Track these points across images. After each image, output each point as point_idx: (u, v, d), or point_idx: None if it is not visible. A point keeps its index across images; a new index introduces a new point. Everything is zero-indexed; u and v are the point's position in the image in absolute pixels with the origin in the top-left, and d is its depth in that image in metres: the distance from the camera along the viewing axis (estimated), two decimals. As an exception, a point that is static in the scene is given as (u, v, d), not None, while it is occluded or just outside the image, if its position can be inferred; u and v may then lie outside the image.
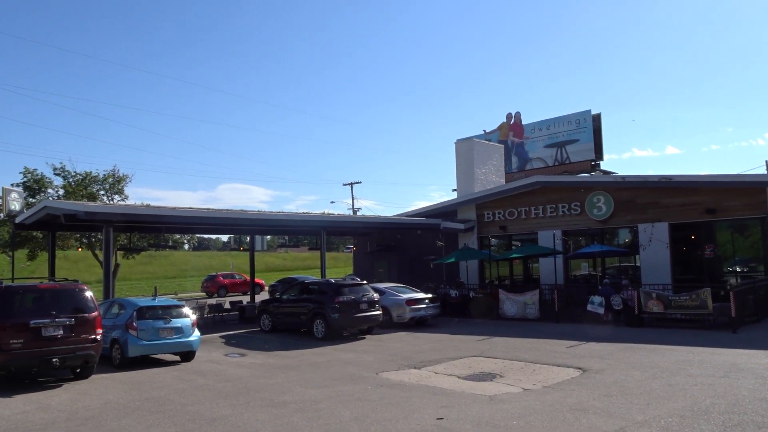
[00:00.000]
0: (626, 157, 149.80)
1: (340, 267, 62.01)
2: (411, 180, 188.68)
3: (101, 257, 22.26)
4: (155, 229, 23.15)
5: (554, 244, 21.66)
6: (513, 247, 24.59)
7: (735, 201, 19.06)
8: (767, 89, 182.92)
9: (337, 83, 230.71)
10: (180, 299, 23.59)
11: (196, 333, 13.41)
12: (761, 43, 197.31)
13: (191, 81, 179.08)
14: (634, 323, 16.47)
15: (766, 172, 34.90)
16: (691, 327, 15.63)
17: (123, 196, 31.83)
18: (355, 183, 54.44)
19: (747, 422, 6.94)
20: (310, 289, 17.97)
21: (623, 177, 22.07)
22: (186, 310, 13.62)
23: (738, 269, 19.81)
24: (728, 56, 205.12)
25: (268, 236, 48.65)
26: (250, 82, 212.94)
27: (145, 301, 13.70)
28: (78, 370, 11.33)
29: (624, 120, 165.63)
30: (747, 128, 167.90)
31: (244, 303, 24.11)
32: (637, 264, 21.21)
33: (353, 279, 20.47)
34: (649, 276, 20.12)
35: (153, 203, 18.60)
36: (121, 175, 31.76)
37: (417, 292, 19.89)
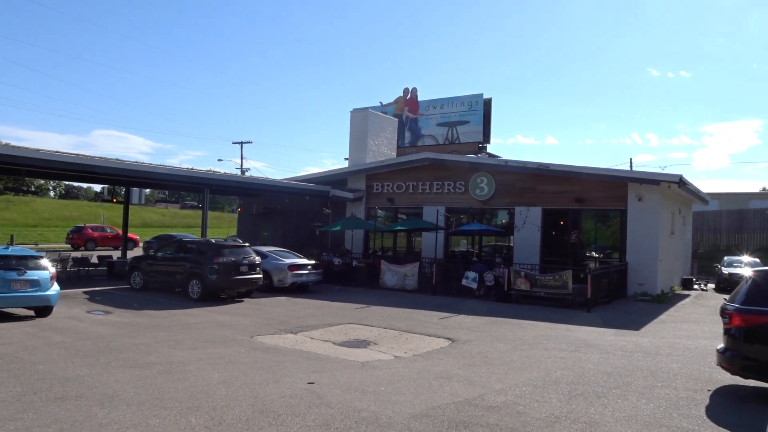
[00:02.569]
0: (511, 142, 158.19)
1: (223, 227, 60.14)
2: (304, 145, 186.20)
3: (-54, 197, 19.76)
4: (15, 171, 20.93)
5: (437, 219, 22.41)
6: (399, 220, 25.14)
7: (600, 193, 20.74)
8: (636, 93, 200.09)
9: (235, 38, 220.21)
10: (40, 250, 21.68)
11: (55, 287, 12.38)
12: (633, 51, 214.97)
13: (64, 11, 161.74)
14: (503, 299, 17.54)
15: (629, 169, 38.38)
16: (553, 305, 16.92)
17: (-23, 132, 28.36)
18: (245, 142, 52.79)
19: (589, 392, 7.65)
20: (188, 248, 17.22)
21: (506, 161, 23.20)
22: (44, 261, 12.50)
23: (596, 255, 21.68)
24: (605, 59, 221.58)
25: (147, 190, 45.91)
26: (136, 20, 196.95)
27: (-5, 250, 12.38)
28: None
29: (512, 107, 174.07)
30: (617, 127, 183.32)
31: (114, 258, 22.65)
32: (512, 244, 22.54)
33: (235, 240, 19.90)
34: (520, 256, 21.46)
35: (14, 143, 16.75)
36: (-24, 107, 28.23)
37: (300, 257, 19.78)
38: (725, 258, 26.87)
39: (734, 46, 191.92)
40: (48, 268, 12.41)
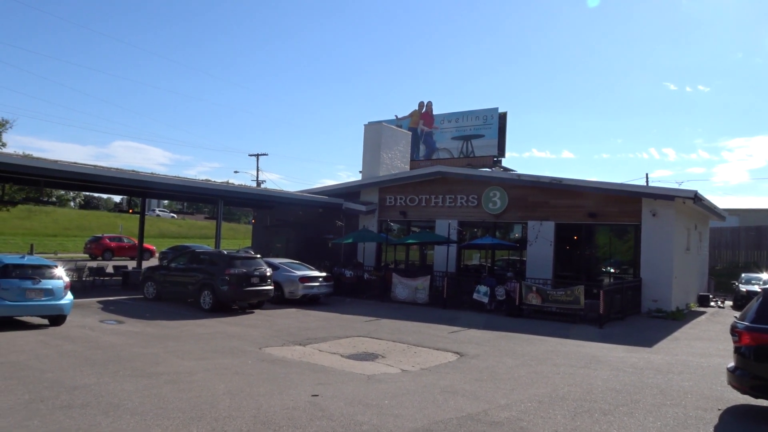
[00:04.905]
0: (526, 156, 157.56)
1: (239, 239, 60.53)
2: (319, 158, 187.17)
3: (-33, 207, 20.16)
4: (34, 182, 21.33)
5: (449, 233, 22.36)
6: (411, 233, 25.14)
7: (614, 207, 20.56)
8: (653, 108, 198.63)
9: (252, 50, 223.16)
10: (59, 260, 22.03)
11: (69, 296, 12.57)
12: (650, 65, 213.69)
13: (89, 27, 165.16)
14: (514, 313, 17.41)
15: (645, 184, 38.01)
16: (564, 320, 16.75)
17: (0, 143, 29.07)
18: (261, 155, 53.06)
19: (595, 409, 7.55)
20: (201, 259, 17.39)
21: (519, 175, 23.14)
22: (59, 271, 12.70)
23: (611, 270, 21.45)
24: (622, 73, 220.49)
25: (165, 201, 46.46)
26: (156, 36, 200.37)
27: (11, 259, 12.62)
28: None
29: (527, 121, 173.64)
30: (634, 141, 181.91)
31: (130, 268, 22.92)
32: (524, 258, 22.39)
33: (248, 252, 20.04)
34: (533, 270, 21.30)
35: (36, 154, 17.13)
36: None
37: (312, 269, 19.84)
38: (743, 275, 26.39)
39: (753, 59, 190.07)
40: (62, 277, 12.61)
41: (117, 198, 77.38)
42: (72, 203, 77.81)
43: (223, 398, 7.39)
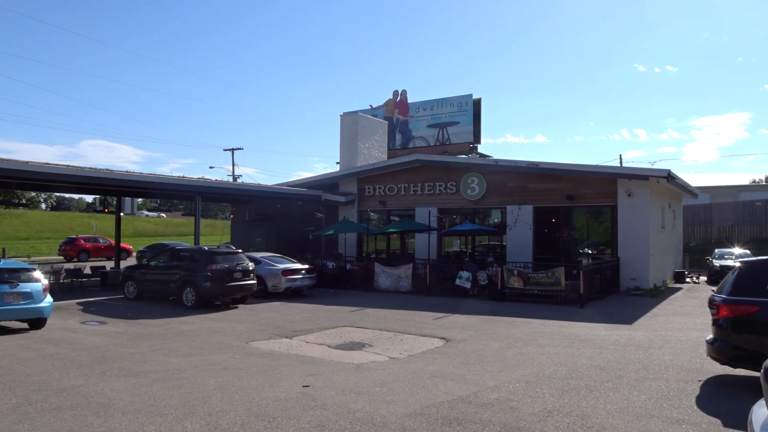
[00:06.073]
0: (500, 141, 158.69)
1: (217, 235, 59.90)
2: (295, 150, 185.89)
3: (-64, 212, 19.57)
4: (5, 184, 20.85)
5: (429, 220, 22.47)
6: (391, 222, 25.21)
7: (590, 189, 20.88)
8: (623, 89, 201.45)
9: (222, 44, 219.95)
10: (33, 263, 21.60)
11: (49, 299, 12.37)
12: (619, 47, 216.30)
13: (45, 20, 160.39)
14: (496, 297, 17.63)
15: (619, 165, 38.57)
16: (546, 302, 17.02)
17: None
18: (236, 149, 52.62)
19: (581, 386, 7.73)
20: (181, 256, 17.23)
21: (496, 161, 23.32)
22: (37, 274, 12.48)
23: (590, 251, 21.81)
24: (592, 56, 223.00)
25: (139, 199, 45.75)
26: (121, 30, 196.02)
27: (-13, 263, 12.35)
28: None
29: (501, 107, 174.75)
30: (606, 124, 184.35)
31: (108, 268, 22.60)
32: (504, 243, 22.64)
33: (228, 247, 19.90)
34: (513, 254, 21.56)
35: (2, 155, 16.68)
36: (-36, 121, 28.11)
37: (294, 262, 19.80)
38: (716, 250, 27.08)
39: (719, 39, 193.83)
40: (40, 280, 12.40)
41: (89, 198, 76.00)
42: (43, 205, 76.21)
43: (215, 393, 7.38)
